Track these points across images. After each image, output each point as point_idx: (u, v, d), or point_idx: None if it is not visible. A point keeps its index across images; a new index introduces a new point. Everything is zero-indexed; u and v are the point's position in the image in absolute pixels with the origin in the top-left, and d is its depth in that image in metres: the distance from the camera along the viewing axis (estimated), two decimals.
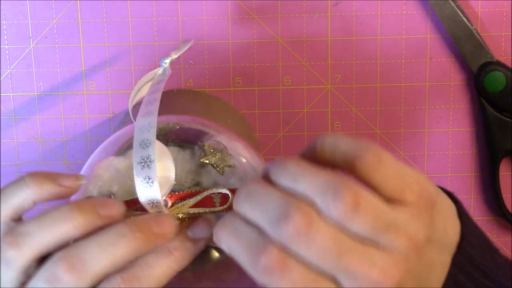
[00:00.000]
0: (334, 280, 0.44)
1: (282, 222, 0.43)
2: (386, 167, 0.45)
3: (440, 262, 0.50)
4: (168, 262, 0.48)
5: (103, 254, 0.46)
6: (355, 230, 0.44)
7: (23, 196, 0.49)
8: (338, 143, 0.46)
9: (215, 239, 0.46)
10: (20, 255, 0.47)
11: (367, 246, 0.44)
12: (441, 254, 0.50)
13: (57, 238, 0.47)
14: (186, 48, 0.57)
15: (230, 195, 0.50)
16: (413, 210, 0.46)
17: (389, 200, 0.45)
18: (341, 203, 0.43)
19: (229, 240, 0.45)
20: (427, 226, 0.46)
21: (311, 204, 0.44)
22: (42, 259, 0.48)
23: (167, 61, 0.55)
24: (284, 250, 0.44)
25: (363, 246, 0.44)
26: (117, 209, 0.48)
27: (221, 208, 0.50)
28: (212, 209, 0.51)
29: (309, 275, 0.44)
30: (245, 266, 0.45)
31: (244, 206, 0.45)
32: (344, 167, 0.46)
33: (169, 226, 0.48)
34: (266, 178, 0.46)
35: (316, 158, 0.47)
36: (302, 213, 0.43)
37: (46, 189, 0.49)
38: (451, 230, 0.50)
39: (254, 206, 0.45)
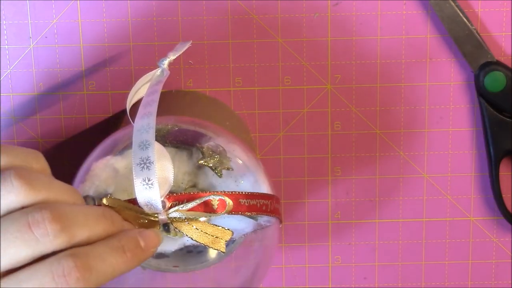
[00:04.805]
0: None
1: None
2: None
3: None
4: (120, 261, 0.47)
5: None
6: None
7: None
8: None
9: None
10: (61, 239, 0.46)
11: None
12: None
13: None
14: (184, 49, 0.57)
15: (227, 201, 0.50)
16: None
17: None
18: None
19: None
20: None
21: None
22: None
23: (165, 62, 0.55)
24: None
25: None
26: (156, 241, 0.49)
27: (220, 213, 0.50)
28: (212, 214, 0.50)
29: None
30: None
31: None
32: None
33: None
34: None
35: None
36: None
37: None
38: None
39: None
